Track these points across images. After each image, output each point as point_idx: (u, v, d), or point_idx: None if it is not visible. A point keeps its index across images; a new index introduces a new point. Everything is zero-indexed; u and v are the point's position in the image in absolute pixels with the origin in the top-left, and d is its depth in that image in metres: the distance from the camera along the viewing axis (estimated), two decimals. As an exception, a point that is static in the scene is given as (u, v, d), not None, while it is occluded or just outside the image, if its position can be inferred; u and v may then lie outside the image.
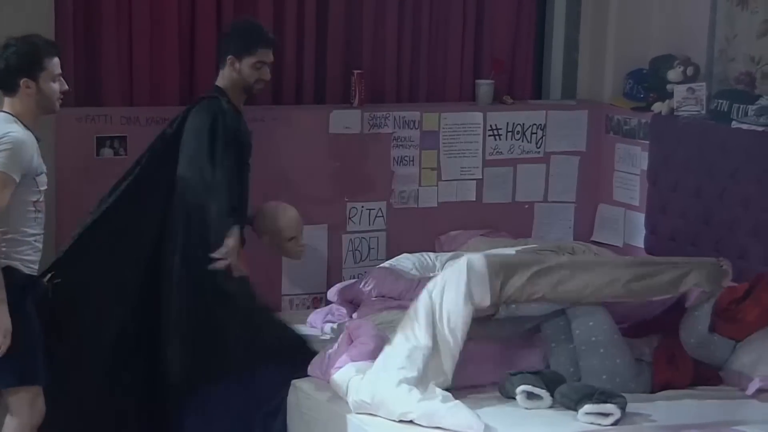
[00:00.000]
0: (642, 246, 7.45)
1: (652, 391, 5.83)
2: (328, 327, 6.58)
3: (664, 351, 5.99)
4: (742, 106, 6.80)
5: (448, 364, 5.53)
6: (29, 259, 5.46)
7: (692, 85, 7.19)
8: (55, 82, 5.49)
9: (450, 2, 7.64)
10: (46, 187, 5.53)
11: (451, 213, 7.54)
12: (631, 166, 7.59)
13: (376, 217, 7.36)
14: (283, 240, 6.49)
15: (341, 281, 7.08)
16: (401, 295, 6.66)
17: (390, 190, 7.40)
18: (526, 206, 7.78)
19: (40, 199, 5.48)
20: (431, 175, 7.50)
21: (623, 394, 5.54)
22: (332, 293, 6.92)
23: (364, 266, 7.22)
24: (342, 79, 7.36)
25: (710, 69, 7.30)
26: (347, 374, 5.59)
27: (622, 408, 5.45)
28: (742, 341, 6.07)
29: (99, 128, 6.66)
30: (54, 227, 6.49)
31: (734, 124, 6.81)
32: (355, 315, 6.63)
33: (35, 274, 5.54)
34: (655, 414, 5.56)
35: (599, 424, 5.36)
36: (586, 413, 5.41)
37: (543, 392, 5.49)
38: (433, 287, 5.69)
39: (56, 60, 5.49)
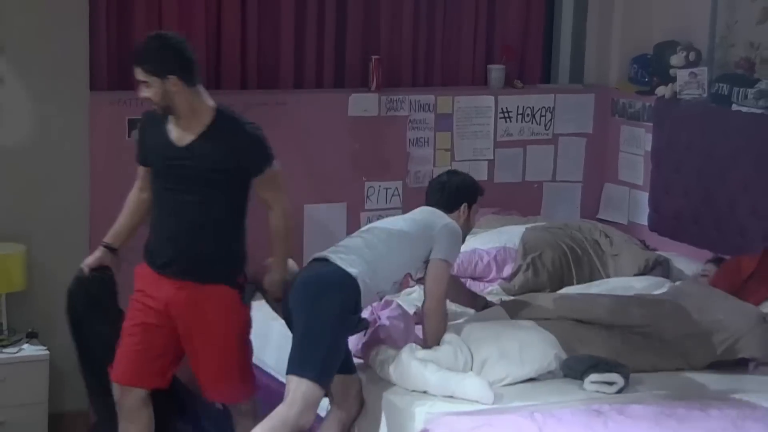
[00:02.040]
0: (645, 224, 7.47)
1: None
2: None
3: None
4: (741, 90, 6.80)
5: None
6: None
7: (694, 69, 7.20)
8: (475, 216, 5.79)
9: (463, -8, 7.68)
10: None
11: (464, 192, 7.56)
12: (636, 147, 7.61)
13: (392, 195, 7.39)
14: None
15: None
16: (415, 270, 6.72)
17: (406, 170, 7.43)
18: (535, 185, 7.82)
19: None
20: (445, 156, 7.52)
21: (626, 364, 5.57)
22: (351, 267, 6.95)
23: (382, 242, 7.23)
24: (360, 65, 7.39)
25: (711, 54, 7.28)
26: (378, 348, 5.61)
27: (626, 377, 5.47)
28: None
29: (130, 111, 6.63)
30: (87, 207, 6.60)
31: (734, 107, 6.83)
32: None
33: None
34: (657, 383, 5.57)
35: (604, 393, 5.37)
36: (592, 382, 5.43)
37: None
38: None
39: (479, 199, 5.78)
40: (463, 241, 5.66)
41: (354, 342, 5.75)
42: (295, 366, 5.19)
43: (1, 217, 6.29)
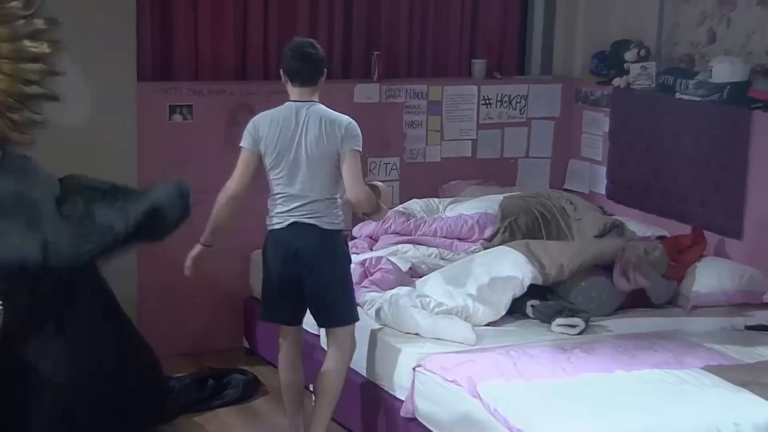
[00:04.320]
0: (604, 193, 7.46)
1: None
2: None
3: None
4: (684, 81, 6.78)
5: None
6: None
7: (644, 63, 7.17)
8: None
9: (450, -4, 7.68)
10: None
11: (452, 166, 7.56)
12: (596, 129, 7.57)
13: (391, 169, 7.38)
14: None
15: (364, 221, 7.01)
16: (411, 232, 6.73)
17: (402, 148, 7.41)
18: (512, 161, 7.77)
19: None
20: (436, 136, 7.50)
21: (586, 310, 5.64)
22: (357, 230, 6.94)
23: (382, 209, 7.27)
24: (364, 59, 7.38)
25: (659, 51, 7.29)
26: (373, 296, 5.68)
27: (587, 321, 5.55)
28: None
29: (171, 98, 6.70)
30: (135, 177, 6.58)
31: (677, 96, 6.80)
32: (375, 247, 6.68)
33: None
34: (612, 326, 5.67)
35: (568, 334, 5.46)
36: (558, 325, 5.51)
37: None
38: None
39: None
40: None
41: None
42: (346, 317, 5.26)
43: (64, 187, 6.36)
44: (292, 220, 5.14)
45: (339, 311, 5.24)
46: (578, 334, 5.47)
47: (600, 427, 4.35)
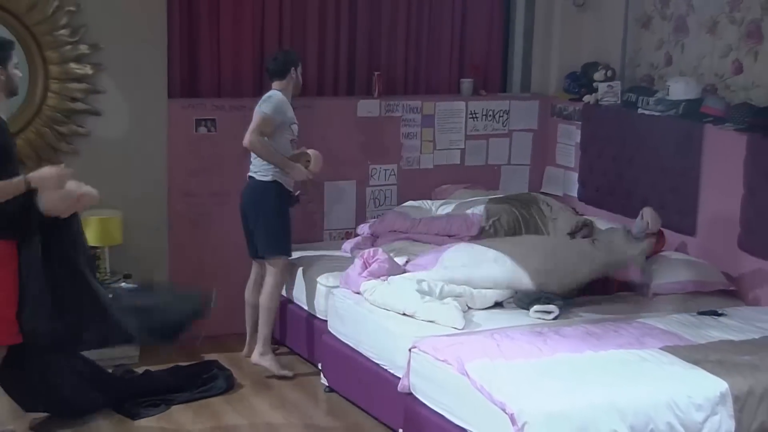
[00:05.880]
0: (575, 195, 7.45)
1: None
2: (355, 252, 6.58)
3: None
4: (645, 98, 6.81)
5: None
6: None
7: (611, 83, 7.21)
8: (299, 73, 6.37)
9: (442, 24, 7.61)
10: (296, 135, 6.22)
11: (443, 172, 7.55)
12: (569, 139, 7.57)
13: (389, 175, 7.39)
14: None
15: (365, 220, 7.12)
16: (407, 230, 6.71)
17: (400, 156, 7.41)
18: (495, 168, 7.75)
19: (294, 140, 6.23)
20: (429, 146, 7.49)
21: (560, 298, 5.66)
22: (359, 228, 6.97)
23: (381, 210, 7.25)
24: (366, 78, 7.38)
25: (623, 72, 7.32)
26: (372, 283, 5.72)
27: (561, 307, 5.58)
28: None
29: (197, 113, 6.71)
30: (166, 183, 6.64)
31: (639, 111, 6.82)
32: (375, 244, 6.66)
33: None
34: (582, 311, 5.69)
35: (545, 319, 5.51)
36: (535, 311, 5.55)
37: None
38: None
39: None
40: (301, 92, 6.44)
41: (351, 280, 5.91)
42: (270, 251, 6.14)
43: (104, 189, 6.11)
44: (249, 174, 6.17)
45: (266, 245, 6.14)
46: (553, 319, 5.51)
47: (572, 400, 4.39)
